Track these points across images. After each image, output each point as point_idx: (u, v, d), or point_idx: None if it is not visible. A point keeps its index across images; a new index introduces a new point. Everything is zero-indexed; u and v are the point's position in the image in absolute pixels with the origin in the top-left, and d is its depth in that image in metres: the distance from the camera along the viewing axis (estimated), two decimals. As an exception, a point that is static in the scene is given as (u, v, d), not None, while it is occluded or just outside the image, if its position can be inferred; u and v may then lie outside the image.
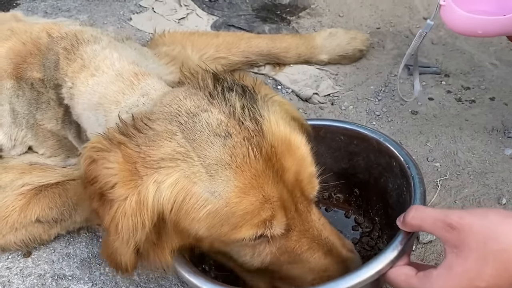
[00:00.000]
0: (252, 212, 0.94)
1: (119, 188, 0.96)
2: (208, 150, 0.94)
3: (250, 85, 1.11)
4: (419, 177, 1.17)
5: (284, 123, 1.02)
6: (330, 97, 1.92)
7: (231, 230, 0.97)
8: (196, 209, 0.95)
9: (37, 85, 1.35)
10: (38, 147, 1.44)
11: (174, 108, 1.01)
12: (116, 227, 0.97)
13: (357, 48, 2.04)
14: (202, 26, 2.28)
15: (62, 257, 1.47)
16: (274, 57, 2.01)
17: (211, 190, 0.94)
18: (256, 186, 0.94)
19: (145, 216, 0.96)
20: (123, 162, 0.97)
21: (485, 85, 1.94)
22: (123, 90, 1.16)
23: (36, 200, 1.41)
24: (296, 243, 1.03)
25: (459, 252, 0.89)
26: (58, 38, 1.34)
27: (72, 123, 1.34)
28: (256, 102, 1.03)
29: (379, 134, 1.32)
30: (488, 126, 1.77)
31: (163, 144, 0.96)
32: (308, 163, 1.03)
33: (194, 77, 1.08)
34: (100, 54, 1.28)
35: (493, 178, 1.60)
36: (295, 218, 1.02)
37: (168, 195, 0.95)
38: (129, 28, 2.30)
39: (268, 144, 0.97)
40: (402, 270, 0.99)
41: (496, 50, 2.10)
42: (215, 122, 0.97)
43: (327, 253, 1.05)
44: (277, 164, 0.97)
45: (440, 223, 0.92)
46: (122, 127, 1.01)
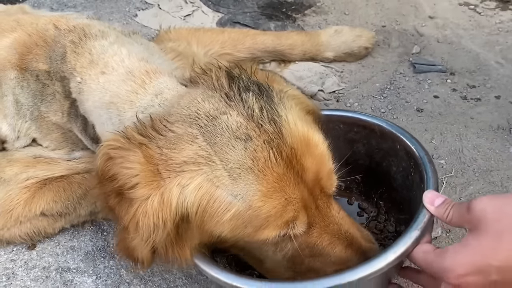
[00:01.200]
0: (275, 214, 0.96)
1: (141, 188, 0.97)
2: (230, 153, 0.96)
3: (264, 81, 1.11)
4: (427, 157, 1.20)
5: (301, 121, 1.04)
6: (335, 94, 1.92)
7: (255, 232, 0.99)
8: (220, 212, 0.97)
9: (43, 77, 1.34)
10: (42, 140, 1.44)
11: (193, 110, 1.01)
12: (136, 226, 0.98)
13: (362, 46, 2.04)
14: (207, 23, 2.29)
15: (66, 250, 1.47)
16: (279, 54, 2.01)
17: (234, 193, 0.95)
18: (279, 189, 0.96)
19: (167, 216, 0.97)
20: (145, 163, 0.98)
21: (490, 84, 1.93)
22: (135, 89, 1.15)
23: (40, 193, 1.41)
24: (318, 238, 1.05)
25: (475, 230, 0.92)
26: (66, 31, 1.34)
27: (79, 117, 1.34)
28: (273, 101, 1.04)
29: (381, 120, 1.34)
30: (494, 124, 1.76)
31: (184, 147, 0.97)
32: (327, 160, 1.05)
33: (208, 76, 1.08)
34: (108, 50, 1.27)
35: (498, 175, 1.59)
36: (316, 215, 1.04)
37: (192, 198, 0.97)
38: (134, 24, 2.31)
39: (288, 146, 0.98)
40: (422, 247, 1.02)
41: (502, 49, 2.09)
42: (235, 125, 0.98)
43: (348, 246, 1.07)
44: (298, 165, 0.98)
45: (463, 210, 0.96)
46: (140, 127, 1.02)
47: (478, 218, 0.92)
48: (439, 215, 1.04)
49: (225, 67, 1.11)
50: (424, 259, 1.00)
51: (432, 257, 0.98)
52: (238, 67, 1.13)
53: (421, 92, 1.91)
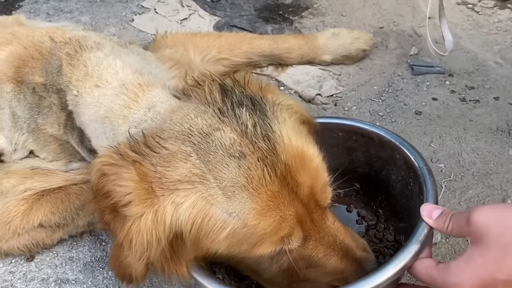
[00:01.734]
0: (270, 232, 0.96)
1: (134, 206, 0.97)
2: (224, 171, 0.95)
3: (257, 92, 1.10)
4: (426, 168, 1.19)
5: (295, 135, 1.02)
6: (333, 98, 1.91)
7: (251, 248, 0.98)
8: (216, 230, 0.96)
9: (39, 89, 1.34)
10: (40, 152, 1.44)
11: (185, 127, 1.00)
12: (130, 243, 0.98)
13: (360, 48, 2.03)
14: (204, 27, 2.28)
15: (65, 261, 1.47)
16: (276, 58, 2.00)
17: (229, 211, 0.95)
18: (273, 207, 0.95)
19: (161, 234, 0.97)
20: (138, 181, 0.97)
21: (489, 85, 1.92)
22: (128, 104, 1.14)
23: (38, 205, 1.41)
24: (313, 251, 1.05)
25: (479, 243, 0.90)
26: (61, 43, 1.33)
27: (75, 129, 1.33)
28: (266, 115, 1.03)
29: (380, 128, 1.33)
30: (493, 126, 1.76)
31: (178, 165, 0.96)
32: (321, 173, 1.04)
33: (201, 89, 1.06)
34: (103, 62, 1.26)
35: (497, 179, 1.59)
36: (311, 228, 1.03)
37: (186, 216, 0.96)
38: (131, 29, 2.30)
39: (282, 163, 0.97)
40: (423, 262, 1.01)
41: (501, 49, 2.08)
42: (228, 142, 0.97)
43: (343, 256, 1.06)
44: (292, 182, 0.97)
45: (464, 221, 0.93)
46: (133, 144, 1.01)
47: (480, 232, 0.91)
48: (439, 227, 1.03)
49: (218, 79, 1.09)
50: (427, 274, 0.99)
51: (436, 272, 0.97)
52: (231, 78, 1.11)
53: (420, 94, 1.90)
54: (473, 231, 0.92)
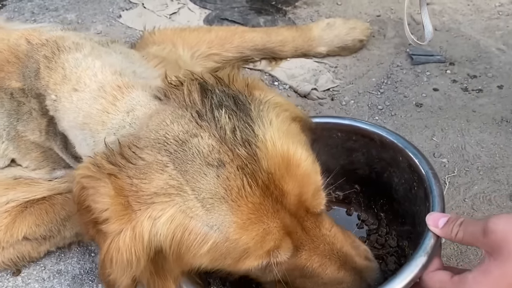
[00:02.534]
0: (254, 246, 0.89)
1: (112, 223, 0.91)
2: (202, 182, 0.88)
3: (243, 89, 1.03)
4: (432, 172, 1.12)
5: (281, 137, 0.94)
6: (329, 92, 1.83)
7: (235, 263, 0.92)
8: (197, 245, 0.90)
9: (17, 94, 1.27)
10: (22, 160, 1.36)
11: (161, 134, 0.93)
12: (111, 261, 0.92)
13: (356, 39, 1.95)
14: (194, 21, 2.19)
15: (53, 274, 1.40)
16: (269, 52, 1.92)
17: (209, 224, 0.88)
18: (255, 220, 0.88)
19: (140, 252, 0.91)
20: (114, 196, 0.91)
21: (492, 73, 1.84)
22: (106, 108, 1.07)
23: (21, 217, 1.34)
24: (307, 261, 0.98)
25: (496, 255, 0.85)
26: (38, 45, 1.26)
27: (58, 134, 1.26)
28: (250, 116, 0.95)
29: (381, 128, 1.26)
30: (497, 116, 1.68)
31: (154, 177, 0.90)
32: (311, 179, 0.95)
33: (179, 91, 0.99)
34: (82, 63, 1.19)
35: (504, 173, 1.52)
36: (303, 237, 0.96)
37: (165, 231, 0.90)
38: (118, 26, 2.21)
39: (264, 171, 0.89)
40: (437, 276, 0.95)
41: (503, 34, 2.00)
42: (206, 149, 0.90)
43: (341, 266, 1.00)
44: (276, 191, 0.90)
45: (478, 231, 0.89)
46: (109, 155, 0.95)
47: (498, 243, 0.85)
48: (446, 235, 0.97)
49: (200, 77, 1.02)
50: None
51: (451, 286, 0.91)
52: (215, 76, 1.04)
53: (420, 85, 1.83)
54: (490, 242, 0.86)
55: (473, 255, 1.33)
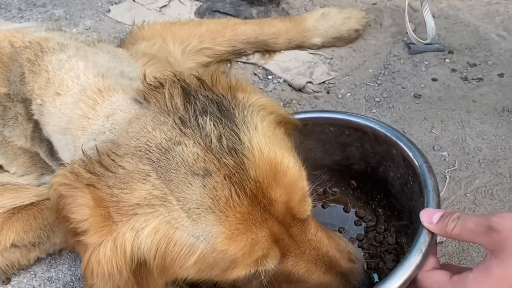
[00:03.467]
0: (242, 256, 0.87)
1: (91, 235, 0.88)
2: (187, 191, 0.85)
3: (226, 92, 0.99)
4: (426, 165, 1.09)
5: (268, 143, 0.91)
6: (325, 85, 1.78)
7: (223, 273, 0.90)
8: (183, 256, 0.87)
9: (3, 99, 1.22)
10: (9, 166, 1.32)
11: (142, 142, 0.89)
12: (91, 273, 0.89)
13: (352, 28, 1.89)
14: (185, 14, 2.13)
15: (43, 282, 1.37)
16: (263, 44, 1.86)
17: (195, 235, 0.85)
18: (244, 230, 0.86)
19: (122, 264, 0.88)
20: (94, 207, 0.87)
21: (492, 60, 1.79)
22: (86, 113, 1.03)
23: (9, 224, 1.30)
24: (293, 267, 0.96)
25: (498, 254, 0.82)
26: (22, 48, 1.20)
27: (43, 140, 1.22)
28: (235, 122, 0.91)
29: (374, 121, 1.22)
30: (498, 106, 1.63)
31: (136, 186, 0.86)
32: (298, 186, 0.93)
33: (160, 95, 0.94)
34: (65, 65, 1.14)
35: (506, 165, 1.47)
36: (290, 244, 0.95)
37: (149, 243, 0.87)
38: (108, 20, 2.15)
39: (252, 180, 0.86)
40: (434, 276, 0.92)
41: (503, 19, 1.94)
42: (191, 158, 0.86)
43: (327, 271, 0.98)
44: (264, 199, 0.88)
45: (480, 227, 0.85)
46: (87, 163, 0.90)
47: (501, 242, 0.82)
48: (441, 231, 0.93)
49: (181, 80, 0.97)
50: None
51: (450, 287, 0.88)
52: (197, 78, 1.00)
53: (418, 75, 1.77)
54: (493, 240, 0.83)
55: (476, 252, 1.29)
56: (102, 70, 1.14)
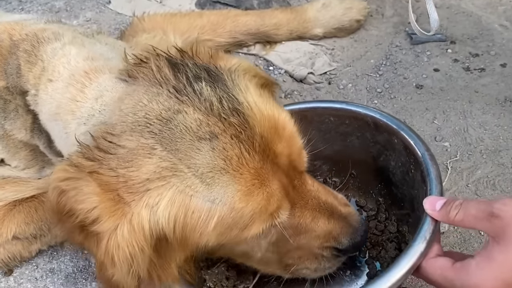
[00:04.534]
0: (259, 210, 0.90)
1: (104, 221, 0.87)
2: (197, 157, 0.86)
3: (208, 61, 1.02)
4: (428, 153, 1.10)
5: (263, 102, 0.96)
6: (326, 76, 1.77)
7: (241, 232, 0.92)
8: (202, 222, 0.88)
9: (3, 92, 1.22)
10: (10, 160, 1.32)
11: (140, 116, 0.89)
12: (112, 260, 0.88)
13: (353, 19, 1.88)
14: (186, 5, 2.12)
15: (45, 273, 1.37)
16: (263, 36, 1.85)
17: (211, 199, 0.87)
18: (259, 184, 0.89)
19: (143, 243, 0.88)
20: (101, 193, 0.86)
21: (495, 50, 1.78)
22: (75, 96, 1.03)
23: (10, 216, 1.30)
24: (300, 218, 1.00)
25: (500, 240, 0.83)
26: (19, 41, 1.20)
27: (42, 132, 1.22)
28: (227, 86, 0.94)
29: (374, 110, 1.23)
30: (500, 96, 1.62)
31: (142, 162, 0.86)
32: (296, 139, 0.99)
33: (147, 69, 0.95)
34: (59, 52, 1.15)
35: (508, 156, 1.47)
36: (295, 195, 0.99)
37: (166, 216, 0.87)
38: (108, 12, 2.15)
39: (258, 135, 0.90)
40: (437, 263, 0.93)
41: (506, 9, 1.93)
42: (195, 124, 0.87)
43: (329, 216, 1.03)
44: (271, 153, 0.91)
45: (482, 213, 0.86)
46: (85, 151, 0.90)
47: (503, 228, 0.82)
48: (444, 218, 0.94)
49: (164, 53, 0.98)
50: (443, 276, 0.90)
51: (453, 273, 0.88)
52: (178, 50, 1.01)
53: (420, 66, 1.76)
54: (495, 226, 0.83)
55: (477, 243, 1.29)
56: (91, 54, 1.13)
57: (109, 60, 1.14)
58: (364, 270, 1.20)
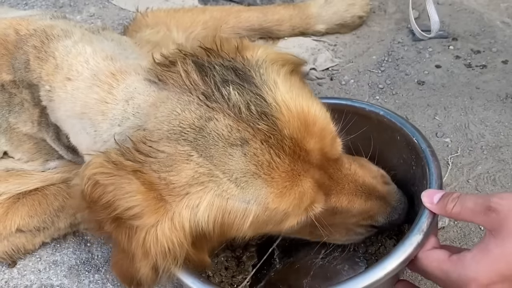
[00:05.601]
0: (293, 208, 0.94)
1: (147, 217, 0.91)
2: (230, 163, 0.90)
3: (235, 56, 1.01)
4: (430, 149, 1.11)
5: (292, 97, 0.96)
6: (328, 72, 1.78)
7: (276, 226, 0.98)
8: (238, 221, 0.94)
9: (8, 86, 1.23)
10: (14, 152, 1.33)
11: (175, 125, 0.93)
12: (146, 253, 0.93)
13: (356, 15, 1.88)
14: (189, 0, 2.13)
15: (49, 265, 1.38)
16: (266, 31, 1.86)
17: (246, 200, 0.92)
18: (290, 186, 0.92)
19: (182, 240, 0.93)
20: (145, 191, 0.91)
21: (496, 47, 1.78)
22: (103, 98, 1.05)
23: (14, 209, 1.32)
24: (336, 203, 1.03)
25: (497, 234, 0.84)
26: (27, 36, 1.22)
27: (50, 125, 1.23)
28: (255, 83, 0.95)
29: (379, 107, 1.24)
30: (502, 93, 1.63)
31: (181, 167, 0.91)
32: (327, 131, 0.99)
33: (176, 74, 0.96)
34: (72, 50, 1.16)
35: (508, 152, 1.47)
36: (330, 184, 1.01)
37: (206, 218, 0.92)
38: (111, 7, 2.16)
39: (288, 138, 0.92)
40: (434, 255, 0.94)
41: (508, 6, 1.93)
42: (226, 130, 0.90)
43: (367, 198, 1.05)
44: (302, 152, 0.93)
45: (480, 207, 0.87)
46: (125, 152, 0.94)
47: (499, 221, 0.83)
48: (441, 211, 0.96)
49: (189, 54, 1.00)
50: (439, 268, 0.91)
51: (449, 266, 0.89)
52: (203, 48, 1.01)
53: (422, 62, 1.77)
54: (491, 219, 0.84)
55: (477, 238, 1.30)
56: (109, 53, 1.15)
57: (127, 58, 1.15)
58: (363, 266, 1.21)
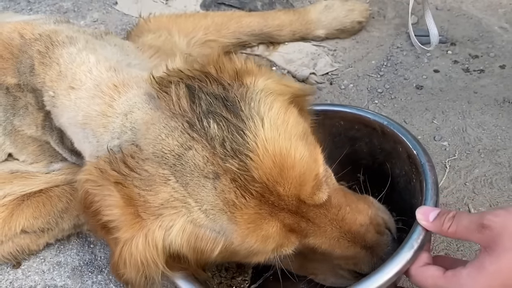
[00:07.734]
0: (257, 247, 0.93)
1: (123, 231, 0.95)
2: (202, 194, 0.91)
3: (232, 80, 0.99)
4: (429, 164, 1.10)
5: (274, 138, 0.92)
6: (328, 76, 1.80)
7: (245, 258, 0.98)
8: (209, 249, 0.95)
9: (13, 89, 1.25)
10: (19, 154, 1.35)
11: (158, 149, 0.94)
12: (124, 264, 0.96)
13: (355, 20, 1.91)
14: (191, 6, 2.16)
15: (52, 266, 1.40)
16: (267, 36, 1.89)
17: (216, 230, 0.93)
18: (253, 228, 0.91)
19: (155, 257, 0.95)
20: (123, 206, 0.94)
21: (494, 52, 1.81)
22: (105, 111, 1.06)
23: (19, 210, 1.34)
24: (314, 244, 0.99)
25: (491, 251, 0.84)
26: (32, 40, 1.23)
27: (54, 129, 1.26)
28: (240, 116, 0.92)
29: (383, 117, 1.23)
30: (499, 97, 1.65)
31: (159, 189, 0.93)
32: (308, 177, 0.93)
33: (169, 95, 0.96)
34: (76, 59, 1.17)
35: (505, 155, 1.49)
36: (309, 227, 0.97)
37: (179, 241, 0.94)
38: (115, 13, 2.19)
39: (257, 182, 0.89)
40: (428, 271, 0.93)
41: (506, 12, 1.95)
42: (202, 162, 0.90)
43: (351, 245, 1.00)
44: (273, 197, 0.90)
45: (474, 225, 0.87)
46: (113, 161, 0.96)
47: (493, 239, 0.83)
48: (437, 229, 0.95)
49: (186, 77, 0.99)
50: (435, 285, 0.91)
51: (444, 282, 0.89)
52: (202, 71, 1.01)
53: (420, 67, 1.79)
54: (486, 237, 0.85)
55: (474, 239, 1.31)
56: (112, 63, 1.16)
57: (129, 65, 1.18)
58: None
